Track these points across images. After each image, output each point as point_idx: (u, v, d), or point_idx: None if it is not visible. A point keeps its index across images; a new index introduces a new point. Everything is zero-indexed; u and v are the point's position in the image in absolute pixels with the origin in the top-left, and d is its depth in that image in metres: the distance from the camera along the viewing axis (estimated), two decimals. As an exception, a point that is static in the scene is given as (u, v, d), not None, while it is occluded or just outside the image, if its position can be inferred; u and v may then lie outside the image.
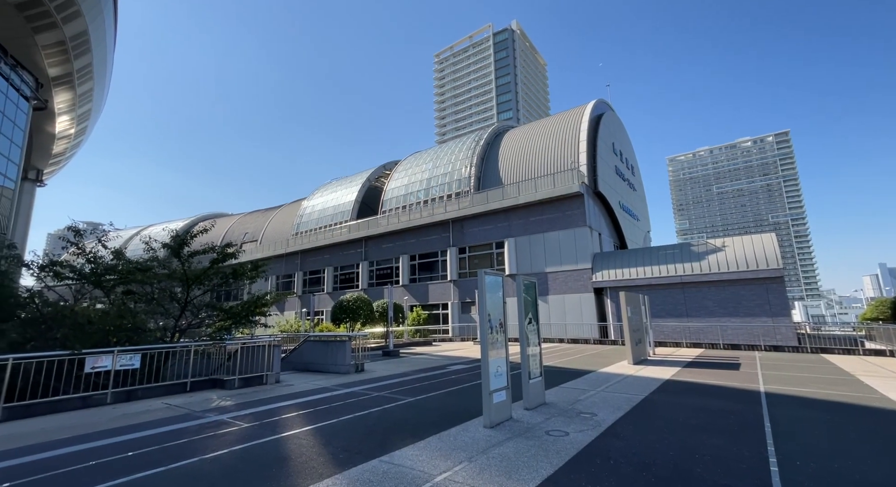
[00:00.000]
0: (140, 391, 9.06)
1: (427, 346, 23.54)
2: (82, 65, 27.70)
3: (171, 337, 11.32)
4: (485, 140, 34.55)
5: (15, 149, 25.86)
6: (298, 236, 41.54)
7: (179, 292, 11.85)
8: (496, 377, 6.25)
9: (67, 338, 8.77)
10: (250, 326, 13.59)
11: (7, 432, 6.42)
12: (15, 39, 23.71)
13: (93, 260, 11.19)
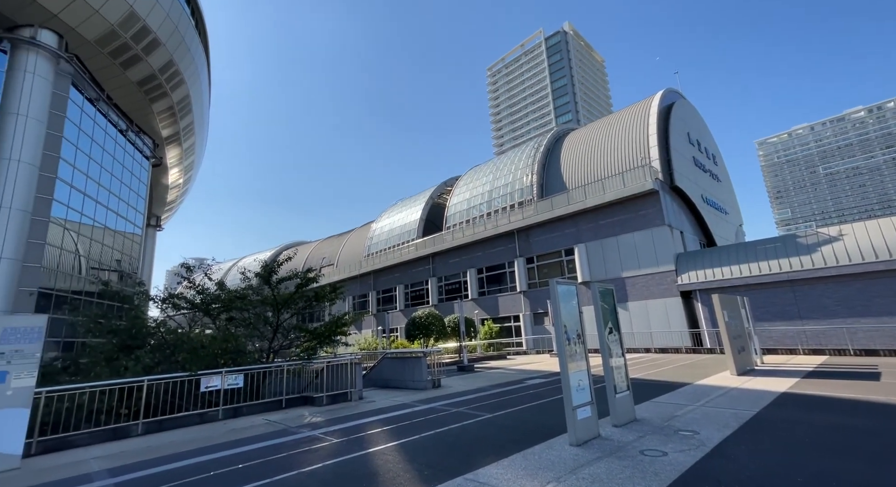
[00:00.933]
0: (244, 408, 10.02)
1: (501, 360, 23.13)
2: (186, 124, 32.41)
3: (266, 357, 12.45)
4: (544, 146, 33.85)
5: (140, 202, 30.77)
6: (370, 257, 43.72)
7: (271, 316, 13.06)
8: (578, 391, 5.93)
9: (186, 361, 10.04)
10: (333, 345, 14.47)
11: (146, 444, 7.47)
12: (137, 110, 28.52)
13: (201, 292, 12.80)
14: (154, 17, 23.83)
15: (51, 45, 21.15)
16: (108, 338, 11.49)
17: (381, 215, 47.89)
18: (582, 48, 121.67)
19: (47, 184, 20.92)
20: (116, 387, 8.51)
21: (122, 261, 28.19)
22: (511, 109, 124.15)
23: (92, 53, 23.14)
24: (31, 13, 20.12)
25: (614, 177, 25.82)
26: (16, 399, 6.50)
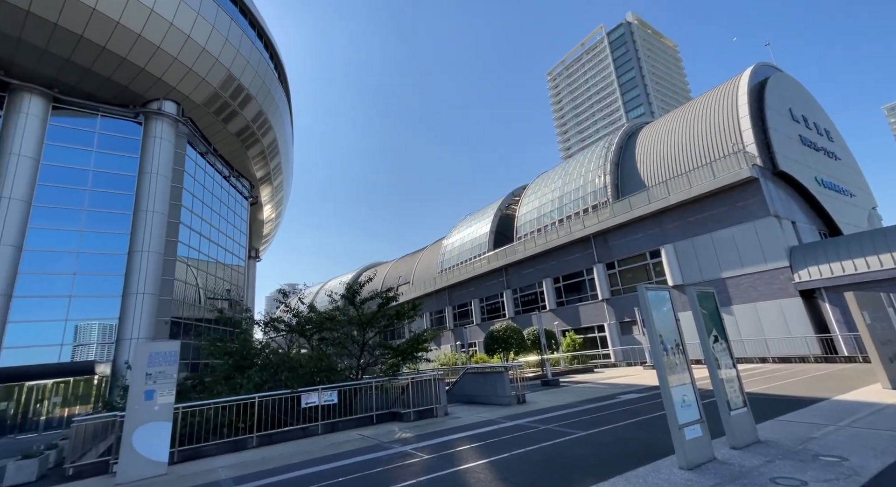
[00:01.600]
0: (340, 423, 10.64)
1: (588, 373, 21.79)
2: (275, 164, 36.40)
3: (356, 375, 13.16)
4: (616, 144, 32.03)
5: (243, 237, 34.97)
6: (443, 273, 44.50)
7: (357, 335, 13.83)
8: (684, 408, 5.34)
9: (288, 380, 10.99)
10: (415, 362, 14.84)
11: (261, 456, 8.26)
12: (235, 157, 32.78)
13: (296, 315, 14.02)
14: (246, 75, 27.46)
15: (172, 113, 25.31)
16: (224, 360, 13.03)
17: (452, 231, 48.72)
18: (649, 36, 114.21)
19: (173, 228, 24.73)
20: (234, 404, 9.58)
21: (231, 291, 32.10)
22: (576, 111, 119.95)
23: (201, 114, 27.24)
24: (157, 88, 24.30)
25: (701, 168, 23.44)
26: (161, 413, 7.64)
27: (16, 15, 18.80)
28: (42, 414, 20.07)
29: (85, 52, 21.03)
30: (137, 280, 22.40)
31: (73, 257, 21.70)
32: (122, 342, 21.48)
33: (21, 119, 21.28)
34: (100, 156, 23.56)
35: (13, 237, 20.04)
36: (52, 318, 20.59)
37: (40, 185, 21.54)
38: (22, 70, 21.18)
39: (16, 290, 19.82)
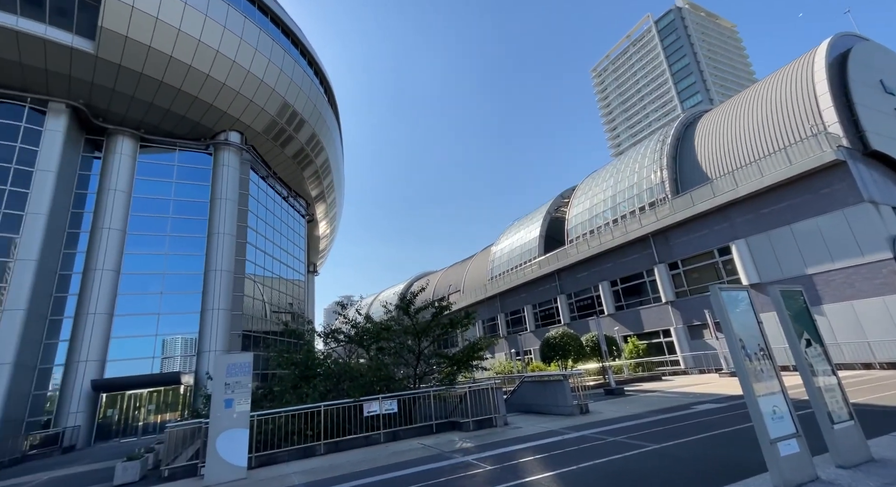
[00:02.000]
0: (401, 432, 10.79)
1: (655, 382, 20.40)
2: (328, 182, 38.39)
3: (413, 384, 13.33)
4: (672, 136, 30.18)
5: (301, 253, 37.08)
6: (493, 280, 44.10)
7: (412, 344, 14.04)
8: (775, 420, 4.80)
9: (350, 389, 11.37)
10: (470, 370, 14.77)
11: (329, 463, 8.59)
12: (292, 178, 35.01)
13: (354, 326, 14.53)
14: (300, 101, 29.40)
15: (237, 142, 27.64)
16: (291, 370, 13.75)
17: (500, 237, 48.29)
18: (703, 20, 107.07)
19: (241, 248, 26.79)
20: (302, 412, 10.06)
21: (293, 304, 34.06)
22: (624, 106, 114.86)
23: (261, 141, 29.49)
24: (224, 121, 26.67)
25: (773, 155, 21.37)
26: (239, 421, 8.22)
27: (110, 69, 21.62)
28: (140, 420, 22.39)
29: (164, 95, 23.66)
30: (213, 297, 24.48)
31: (160, 278, 24.20)
32: (202, 354, 23.50)
33: (116, 158, 24.30)
34: (178, 185, 26.23)
35: (113, 262, 22.75)
36: (144, 334, 23.03)
37: (132, 215, 24.36)
38: (115, 116, 24.25)
39: (116, 309, 22.44)
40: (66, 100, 22.33)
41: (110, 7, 19.99)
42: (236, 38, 24.18)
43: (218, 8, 23.39)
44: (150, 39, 21.31)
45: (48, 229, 20.84)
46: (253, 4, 26.61)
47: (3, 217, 19.88)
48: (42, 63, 20.50)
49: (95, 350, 21.03)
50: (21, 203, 20.45)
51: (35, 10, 19.54)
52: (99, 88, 22.29)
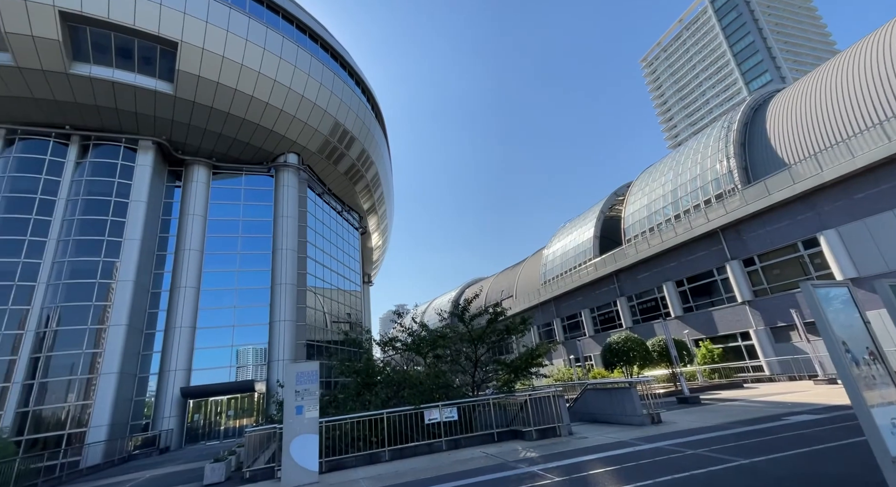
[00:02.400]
0: (462, 440, 10.75)
1: (736, 389, 18.61)
2: (378, 195, 39.74)
3: (472, 391, 13.26)
4: (738, 121, 27.81)
5: (357, 264, 38.59)
6: (547, 284, 42.93)
7: (469, 351, 14.01)
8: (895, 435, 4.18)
9: (410, 396, 11.55)
10: (528, 377, 14.41)
11: (394, 469, 8.75)
12: (345, 193, 36.68)
13: (412, 334, 14.80)
14: (350, 120, 30.88)
15: (294, 163, 29.54)
16: (353, 378, 14.27)
17: (551, 239, 47.03)
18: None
19: (302, 262, 28.41)
20: (366, 419, 10.37)
21: (351, 314, 35.45)
22: (680, 94, 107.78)
23: (315, 160, 31.26)
24: (282, 144, 28.65)
25: (866, 132, 18.92)
26: (309, 426, 8.64)
27: (186, 106, 24.14)
28: (221, 425, 24.33)
29: (231, 125, 25.95)
30: (279, 309, 26.14)
31: (234, 293, 26.29)
32: (271, 363, 25.11)
33: (193, 186, 26.94)
34: (246, 207, 28.50)
35: (194, 280, 25.10)
36: (221, 345, 25.07)
37: (208, 237, 26.79)
38: (191, 148, 26.96)
39: (198, 322, 24.68)
40: (152, 138, 25.24)
41: (185, 51, 22.40)
42: (290, 67, 26.00)
43: (274, 40, 25.32)
44: (218, 76, 23.55)
45: (141, 252, 23.51)
46: (304, 33, 28.51)
47: (106, 244, 22.74)
48: (132, 107, 23.38)
49: (182, 360, 23.24)
50: (119, 230, 23.29)
51: (126, 62, 22.39)
52: (178, 124, 24.95)
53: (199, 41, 22.65)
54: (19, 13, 19.53)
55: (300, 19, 28.15)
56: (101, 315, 21.55)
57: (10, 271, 20.91)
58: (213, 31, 22.96)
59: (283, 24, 27.08)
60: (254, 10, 25.37)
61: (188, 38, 22.38)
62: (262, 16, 25.72)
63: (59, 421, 19.52)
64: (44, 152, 23.47)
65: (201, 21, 22.63)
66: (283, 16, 27.25)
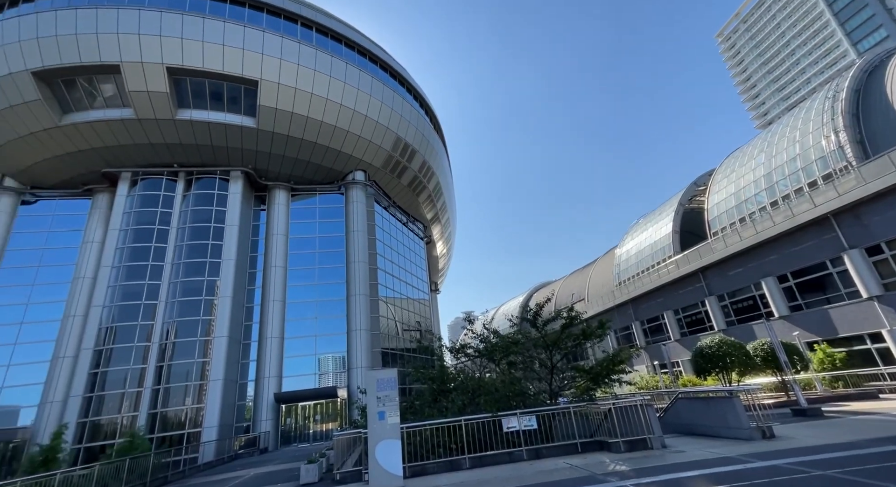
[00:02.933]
0: (543, 450, 10.38)
1: (870, 401, 15.80)
2: (441, 204, 40.50)
3: (550, 399, 12.78)
4: (847, 88, 24.07)
5: (424, 273, 39.51)
6: (621, 285, 40.33)
7: (544, 357, 13.55)
8: None
9: (486, 404, 11.44)
10: (610, 385, 13.55)
11: (476, 477, 8.69)
12: (409, 204, 37.90)
13: (484, 340, 14.71)
14: (410, 134, 32.01)
15: (361, 180, 31.23)
16: (429, 385, 14.50)
17: (624, 238, 44.25)
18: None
19: (373, 274, 29.74)
20: (444, 425, 10.46)
21: (421, 322, 36.26)
22: (767, 67, 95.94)
23: (380, 175, 32.76)
24: (350, 163, 30.48)
25: None
26: (392, 432, 8.92)
27: (267, 137, 26.78)
28: (309, 428, 26.12)
29: (305, 150, 28.23)
30: (355, 319, 27.56)
31: (314, 305, 28.26)
32: (351, 371, 26.49)
33: (275, 208, 29.64)
34: (321, 224, 30.66)
35: (280, 294, 27.45)
36: (306, 353, 27.00)
37: (290, 254, 29.19)
38: (272, 173, 29.74)
39: (285, 333, 26.88)
40: (240, 168, 28.30)
41: (264, 88, 24.95)
42: (354, 89, 27.70)
43: (338, 67, 27.20)
44: (292, 106, 25.83)
45: (236, 271, 26.30)
46: (364, 57, 30.28)
47: (208, 265, 25.80)
48: (224, 142, 26.46)
49: (274, 367, 25.43)
50: (218, 252, 26.30)
51: (217, 104, 25.48)
52: (261, 154, 27.73)
53: (275, 77, 25.07)
54: (137, 74, 23.17)
55: (360, 44, 29.95)
56: (207, 328, 24.40)
57: (137, 292, 24.55)
58: (287, 66, 25.29)
59: (346, 50, 29.02)
60: (319, 41, 27.53)
61: (266, 76, 24.89)
62: (327, 46, 27.80)
63: (180, 422, 22.34)
64: (158, 189, 27.39)
65: (276, 59, 25.06)
66: (346, 43, 29.21)
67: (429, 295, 40.16)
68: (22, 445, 21.55)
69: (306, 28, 27.75)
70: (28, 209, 27.75)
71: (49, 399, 22.32)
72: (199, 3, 25.02)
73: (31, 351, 23.83)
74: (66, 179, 27.64)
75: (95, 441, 21.30)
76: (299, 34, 27.05)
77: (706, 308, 29.57)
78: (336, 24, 29.47)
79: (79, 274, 25.58)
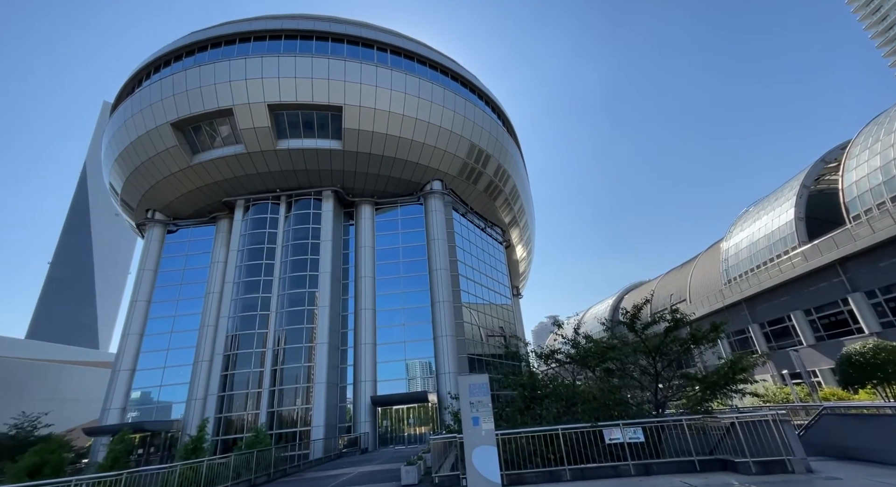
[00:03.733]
0: (654, 465, 9.45)
1: None
2: (518, 206, 39.85)
3: (657, 410, 11.63)
4: None
5: (505, 278, 39.04)
6: (731, 283, 35.54)
7: (647, 364, 12.39)
8: None
9: (584, 412, 10.80)
10: (728, 396, 11.92)
11: (579, 490, 8.20)
12: (486, 209, 37.89)
13: (575, 345, 13.97)
14: (484, 139, 32.17)
15: (439, 189, 32.07)
16: (519, 391, 14.13)
17: (731, 229, 39.10)
18: None
19: (455, 280, 30.16)
20: (539, 434, 10.08)
21: (504, 327, 35.76)
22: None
23: (457, 183, 33.32)
24: (427, 174, 31.51)
25: None
26: (487, 438, 8.85)
27: (351, 156, 28.93)
28: (404, 431, 27.15)
29: (386, 165, 29.90)
30: (440, 325, 28.16)
31: (401, 312, 29.51)
32: (439, 376, 27.03)
33: (362, 223, 31.75)
34: (403, 235, 32.06)
35: (370, 302, 29.17)
36: (396, 359, 28.23)
37: (377, 264, 30.95)
38: (358, 190, 31.96)
39: (377, 339, 28.45)
40: (330, 187, 30.93)
41: (347, 112, 27.14)
42: (427, 103, 28.74)
43: (412, 84, 28.49)
44: (373, 125, 27.64)
45: (332, 282, 28.62)
46: (436, 70, 31.31)
47: (308, 278, 28.49)
48: (316, 165, 29.21)
49: (369, 372, 27.01)
50: (316, 266, 28.91)
51: (309, 131, 28.28)
52: (347, 173, 30.04)
53: (356, 100, 27.10)
54: (246, 114, 26.75)
55: (431, 58, 31.04)
56: (310, 335, 26.86)
57: (253, 304, 27.99)
58: (366, 89, 27.19)
59: (418, 67, 30.30)
60: (394, 62, 29.18)
61: (348, 101, 27.03)
62: (401, 65, 29.33)
63: (293, 420, 24.79)
64: (266, 212, 31.10)
65: (356, 84, 27.09)
66: (418, 60, 30.52)
67: (511, 300, 39.52)
68: (176, 434, 25.74)
69: (382, 51, 29.59)
70: (171, 236, 33.43)
71: (193, 396, 26.37)
72: (291, 44, 28.15)
73: (179, 356, 28.51)
74: (197, 210, 32.76)
75: (228, 434, 24.58)
76: (376, 58, 28.95)
77: (850, 307, 24.74)
78: (407, 42, 30.96)
79: (210, 290, 29.99)
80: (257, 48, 28.05)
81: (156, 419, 26.70)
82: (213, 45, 28.72)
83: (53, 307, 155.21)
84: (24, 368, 38.48)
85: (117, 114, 30.39)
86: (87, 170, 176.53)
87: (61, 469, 13.87)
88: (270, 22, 29.16)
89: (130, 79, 30.51)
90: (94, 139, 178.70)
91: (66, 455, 15.07)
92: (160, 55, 29.55)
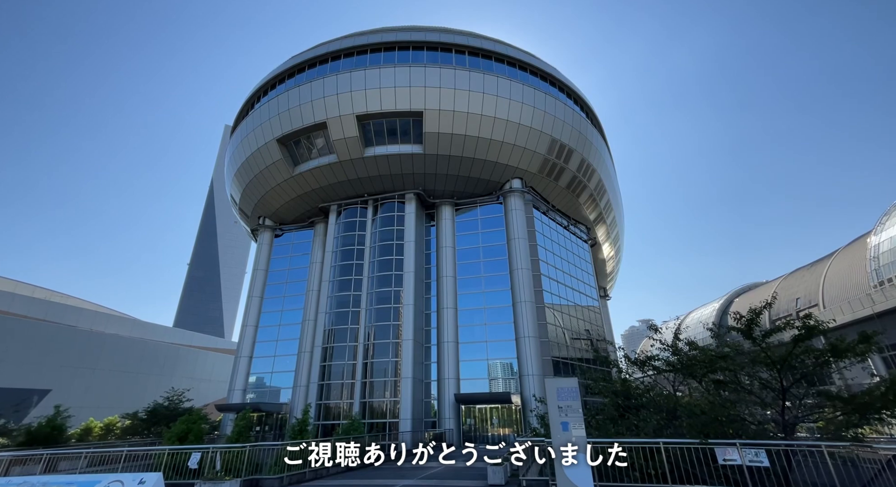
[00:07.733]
0: (784, 496, 8.12)
1: None
2: (605, 202, 37.39)
3: (784, 431, 9.97)
4: None
5: (591, 278, 36.90)
6: (885, 286, 29.17)
7: (770, 378, 10.69)
8: None
9: (691, 427, 9.68)
10: (886, 423, 9.76)
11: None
12: (569, 206, 36.19)
13: (677, 352, 12.62)
14: (565, 134, 30.83)
15: (519, 188, 31.49)
16: (610, 398, 13.18)
17: (882, 220, 32.19)
18: None
19: (537, 280, 29.31)
20: (637, 446, 9.28)
21: (591, 330, 33.75)
22: None
23: (537, 180, 32.38)
24: (506, 173, 31.14)
25: None
26: (578, 445, 8.40)
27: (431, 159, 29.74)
28: (487, 431, 27.10)
29: (465, 166, 30.21)
30: (522, 326, 27.57)
31: (482, 312, 29.52)
32: (523, 378, 26.47)
33: (443, 223, 32.47)
34: (483, 234, 32.06)
35: (452, 301, 29.66)
36: (478, 358, 28.28)
37: (458, 264, 31.38)
38: (438, 192, 32.75)
39: (459, 338, 28.85)
40: (413, 190, 32.20)
41: (428, 116, 28.02)
42: (506, 101, 28.40)
43: (490, 83, 28.41)
44: (451, 128, 28.13)
45: (415, 281, 29.73)
46: (514, 66, 30.82)
47: (394, 277, 29.98)
48: (399, 169, 30.64)
49: (452, 369, 27.49)
50: (400, 265, 30.29)
51: (392, 138, 29.79)
52: (428, 175, 30.99)
53: (436, 104, 27.83)
54: (337, 126, 29.12)
55: (508, 55, 30.63)
56: (397, 331, 28.22)
57: (346, 301, 30.27)
58: (445, 92, 27.80)
59: (496, 65, 30.10)
60: (472, 63, 29.38)
61: (428, 105, 27.87)
62: (478, 65, 29.42)
63: (382, 412, 26.28)
64: (355, 216, 33.47)
65: (436, 88, 27.84)
66: (495, 58, 30.34)
67: (598, 302, 37.18)
68: (286, 416, 28.95)
69: (459, 54, 29.99)
70: (278, 240, 37.72)
71: (298, 383, 29.40)
72: (375, 57, 29.96)
73: (286, 346, 32.05)
74: (298, 216, 36.50)
75: (327, 419, 26.92)
76: (454, 61, 29.44)
77: None
78: (484, 42, 30.94)
79: (310, 288, 33.19)
80: (346, 64, 30.33)
81: (268, 401, 30.29)
82: (309, 66, 31.73)
83: (192, 301, 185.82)
84: (173, 351, 46.59)
85: (235, 135, 35.20)
86: (213, 185, 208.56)
87: (201, 437, 17.12)
88: (357, 39, 31.35)
89: (245, 104, 35.12)
90: (219, 157, 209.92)
91: (203, 426, 18.14)
92: (267, 80, 33.52)
